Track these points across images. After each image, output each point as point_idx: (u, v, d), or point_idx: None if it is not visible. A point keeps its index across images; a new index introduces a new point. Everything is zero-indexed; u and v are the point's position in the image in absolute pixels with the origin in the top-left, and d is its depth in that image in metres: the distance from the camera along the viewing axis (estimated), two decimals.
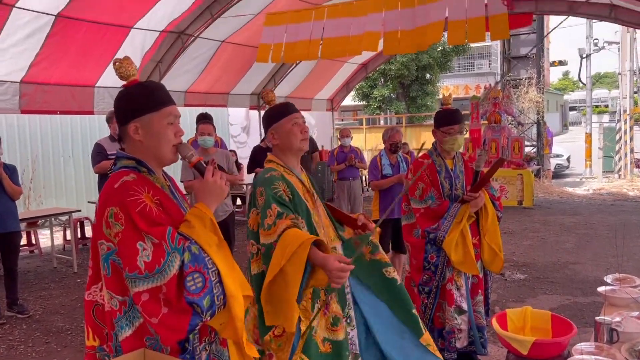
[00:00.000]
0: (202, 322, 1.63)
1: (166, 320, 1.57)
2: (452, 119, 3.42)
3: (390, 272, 2.45)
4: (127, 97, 1.77)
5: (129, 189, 1.64)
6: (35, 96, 7.05)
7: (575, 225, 8.67)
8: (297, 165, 2.46)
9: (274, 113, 2.44)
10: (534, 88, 13.02)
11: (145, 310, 1.57)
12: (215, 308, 1.63)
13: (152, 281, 1.56)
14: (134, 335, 1.62)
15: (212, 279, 1.63)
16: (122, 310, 1.62)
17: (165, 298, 1.57)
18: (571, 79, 66.60)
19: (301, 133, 2.39)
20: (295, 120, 2.39)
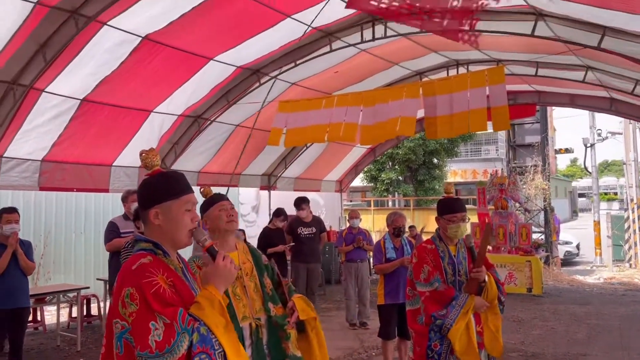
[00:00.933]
0: None
1: None
2: (455, 207, 3.55)
3: None
4: (150, 185, 1.94)
5: (145, 271, 1.76)
6: (54, 174, 7.31)
7: (586, 315, 8.52)
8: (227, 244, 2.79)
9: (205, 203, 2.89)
10: (540, 175, 13.24)
11: None
12: None
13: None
14: None
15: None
16: None
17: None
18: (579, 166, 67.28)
19: (226, 216, 2.80)
20: (221, 207, 2.83)
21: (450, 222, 3.51)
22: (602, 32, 5.63)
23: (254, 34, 6.89)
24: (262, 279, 2.83)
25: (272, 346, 2.65)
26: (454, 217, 3.51)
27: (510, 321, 8.00)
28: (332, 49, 7.74)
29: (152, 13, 5.81)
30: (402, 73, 9.79)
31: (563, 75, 8.92)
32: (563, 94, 10.63)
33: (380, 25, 7.26)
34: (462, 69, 9.37)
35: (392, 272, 5.53)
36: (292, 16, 6.70)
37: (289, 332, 2.68)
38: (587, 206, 45.19)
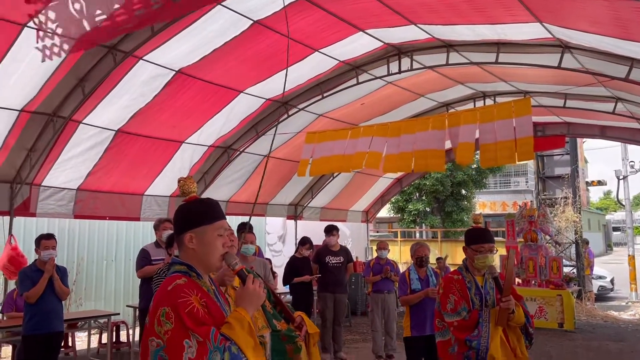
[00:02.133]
0: None
1: None
2: (483, 237, 3.56)
3: None
4: (187, 210, 2.05)
5: (180, 292, 1.85)
6: (88, 202, 7.55)
7: (620, 353, 8.25)
8: None
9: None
10: (571, 207, 13.03)
11: None
12: None
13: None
14: None
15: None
16: None
17: None
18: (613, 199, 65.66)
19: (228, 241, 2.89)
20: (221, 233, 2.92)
21: (477, 253, 3.52)
22: (630, 64, 5.65)
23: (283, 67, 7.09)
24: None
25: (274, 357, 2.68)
26: (482, 247, 3.52)
27: (541, 357, 7.79)
28: (358, 81, 7.89)
29: (186, 48, 6.07)
30: (428, 105, 9.88)
31: (592, 106, 8.88)
32: (593, 125, 10.55)
33: (407, 58, 7.40)
34: (489, 100, 9.41)
35: (418, 303, 5.49)
36: (320, 50, 6.89)
37: (299, 345, 2.71)
38: (622, 240, 43.88)
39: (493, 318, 3.37)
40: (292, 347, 2.71)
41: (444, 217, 21.88)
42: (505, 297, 3.33)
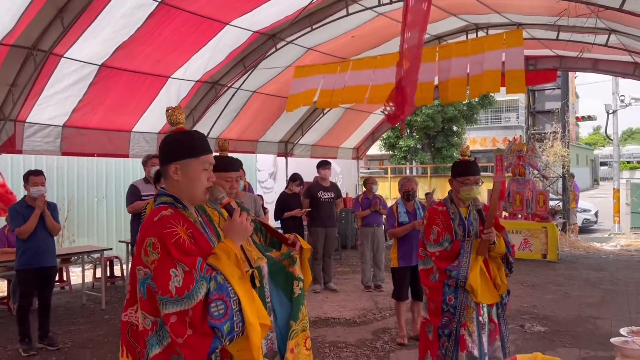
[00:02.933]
0: (221, 346, 1.80)
1: (190, 341, 1.75)
2: (469, 170, 3.58)
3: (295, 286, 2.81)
4: (173, 141, 2.03)
5: (166, 222, 1.86)
6: (74, 139, 7.48)
7: (601, 281, 8.56)
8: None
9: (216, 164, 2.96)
10: (559, 142, 13.10)
11: (173, 331, 1.76)
12: (234, 334, 1.81)
13: (181, 305, 1.76)
14: (163, 353, 1.81)
15: (233, 307, 1.82)
16: (153, 329, 1.82)
17: (191, 321, 1.76)
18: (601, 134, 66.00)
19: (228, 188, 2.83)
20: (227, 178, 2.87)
21: (463, 185, 3.55)
22: None
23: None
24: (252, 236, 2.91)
25: (279, 284, 2.80)
26: (467, 179, 3.55)
27: (524, 286, 8.08)
28: (348, 12, 7.68)
29: None
30: None
31: (586, 39, 8.73)
32: (585, 59, 10.40)
33: None
34: (481, 32, 9.23)
35: (405, 235, 5.62)
36: None
37: (295, 257, 2.84)
38: (609, 175, 44.52)
39: (475, 249, 3.45)
40: (288, 262, 2.84)
41: (434, 153, 21.97)
42: (487, 229, 3.39)
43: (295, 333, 2.77)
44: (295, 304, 2.80)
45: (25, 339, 5.19)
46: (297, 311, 2.79)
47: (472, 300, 3.43)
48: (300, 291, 2.82)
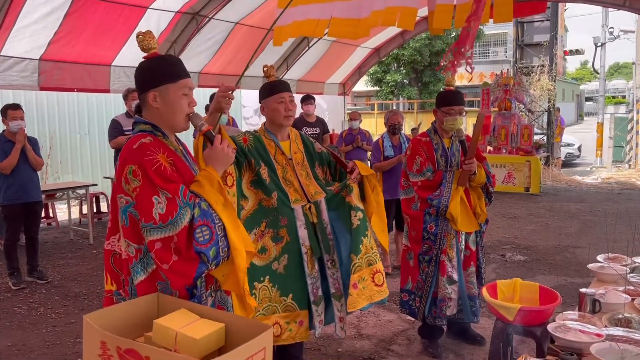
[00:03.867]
0: (207, 271, 1.83)
1: (176, 266, 1.77)
2: (453, 100, 3.57)
3: (353, 217, 2.75)
4: (148, 68, 1.96)
5: (146, 150, 1.84)
6: (52, 73, 7.27)
7: (580, 212, 8.77)
8: (281, 134, 2.90)
9: (265, 89, 2.88)
10: (546, 76, 13.01)
11: (158, 257, 1.77)
12: (220, 259, 1.84)
13: (165, 231, 1.76)
14: (148, 280, 1.84)
15: (218, 233, 1.83)
16: (137, 257, 1.84)
17: (176, 247, 1.77)
18: (589, 69, 65.74)
19: (284, 110, 2.81)
20: (281, 99, 2.81)
21: (446, 115, 3.55)
22: None
23: None
24: (314, 168, 2.93)
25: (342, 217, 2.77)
26: (452, 109, 3.54)
27: (506, 218, 8.26)
28: None
29: None
30: None
31: None
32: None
33: None
34: None
35: (391, 169, 5.65)
36: None
37: (351, 186, 2.78)
38: (594, 110, 44.76)
39: (456, 179, 3.49)
40: (346, 191, 2.79)
41: (421, 88, 21.77)
42: (469, 160, 3.41)
43: (358, 267, 2.68)
44: (355, 236, 2.72)
45: (14, 273, 5.25)
46: (357, 243, 2.70)
47: (452, 228, 3.51)
48: (360, 222, 2.74)
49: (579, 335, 2.31)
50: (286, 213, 2.75)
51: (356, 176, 2.81)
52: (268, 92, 2.85)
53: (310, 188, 2.84)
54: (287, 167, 2.82)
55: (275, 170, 2.80)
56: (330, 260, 2.81)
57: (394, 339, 3.98)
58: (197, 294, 1.88)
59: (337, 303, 2.80)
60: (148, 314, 1.79)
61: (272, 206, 2.74)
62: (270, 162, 2.80)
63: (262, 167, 2.76)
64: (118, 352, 1.49)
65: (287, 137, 2.92)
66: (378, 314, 4.48)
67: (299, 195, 2.79)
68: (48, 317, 4.47)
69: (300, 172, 2.86)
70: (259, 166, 2.75)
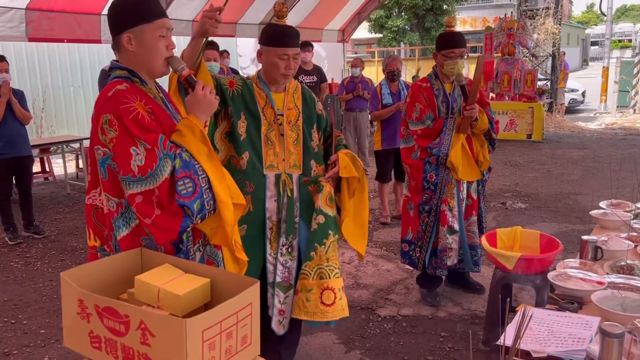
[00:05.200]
0: (192, 225, 1.73)
1: (159, 221, 1.68)
2: (454, 42, 3.38)
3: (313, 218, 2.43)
4: (121, 7, 1.81)
5: (122, 97, 1.71)
6: (40, 23, 7.02)
7: (583, 159, 8.66)
8: (275, 87, 2.50)
9: (270, 34, 2.45)
10: (551, 19, 12.59)
11: (139, 212, 1.68)
12: (205, 212, 1.73)
13: (145, 184, 1.66)
14: (131, 235, 1.75)
15: (202, 185, 1.72)
16: (119, 211, 1.74)
17: (158, 200, 1.67)
18: (595, 12, 64.03)
19: (284, 69, 2.41)
20: (283, 55, 2.39)
21: (447, 58, 3.38)
22: None
23: None
24: (310, 131, 2.53)
25: (303, 203, 2.47)
26: (452, 52, 3.37)
27: (508, 165, 8.16)
28: None
29: None
30: None
31: None
32: None
33: None
34: None
35: (389, 118, 5.50)
36: None
37: (321, 185, 2.44)
38: (599, 55, 43.81)
39: (457, 126, 3.36)
40: (314, 187, 2.46)
41: (422, 34, 21.24)
42: (470, 106, 3.27)
43: (304, 275, 2.37)
44: (310, 240, 2.40)
45: (10, 228, 5.21)
46: (309, 249, 2.38)
47: (453, 177, 3.41)
48: (318, 226, 2.38)
49: (580, 283, 2.25)
50: (255, 179, 2.41)
51: (331, 175, 2.44)
52: (271, 41, 2.41)
53: (291, 157, 2.46)
54: (274, 125, 2.44)
55: (260, 125, 2.43)
56: (289, 245, 2.46)
57: (392, 288, 3.96)
58: (183, 249, 1.80)
59: (280, 293, 2.45)
60: (131, 270, 1.72)
61: (239, 168, 2.39)
62: (257, 114, 2.43)
63: (242, 120, 2.40)
64: (96, 310, 1.42)
65: (282, 89, 2.51)
66: (376, 263, 4.46)
67: (276, 161, 2.44)
68: (45, 272, 4.46)
69: (288, 133, 2.46)
70: (237, 117, 2.40)
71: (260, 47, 2.50)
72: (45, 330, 3.46)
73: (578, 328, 1.84)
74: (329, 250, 2.38)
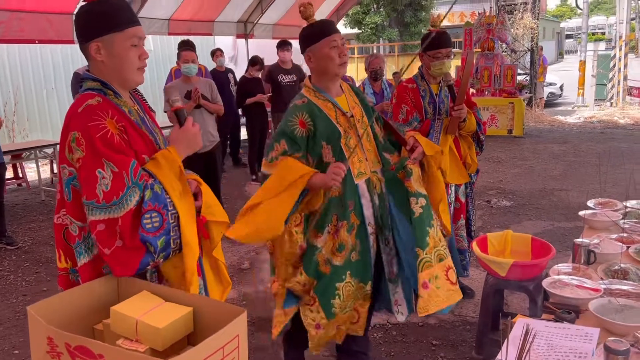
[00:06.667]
0: (154, 263, 1.58)
1: (118, 254, 1.53)
2: (440, 42, 3.29)
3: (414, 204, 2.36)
4: (89, 13, 1.66)
5: (92, 114, 1.58)
6: (10, 24, 6.79)
7: (564, 153, 8.69)
8: (334, 88, 2.38)
9: (311, 33, 2.33)
10: (529, 14, 12.64)
11: (100, 240, 1.53)
12: (169, 251, 1.60)
13: (109, 212, 1.52)
14: (92, 263, 1.61)
15: (170, 221, 1.58)
16: (81, 236, 1.60)
17: (120, 232, 1.53)
18: (569, 5, 64.87)
19: (339, 57, 2.29)
20: (333, 43, 2.28)
21: (434, 59, 3.29)
22: None
23: None
24: (373, 125, 2.45)
25: (399, 203, 2.38)
26: (439, 52, 3.28)
27: (490, 161, 8.15)
28: None
29: None
30: None
31: None
32: None
33: None
34: None
35: None
36: None
37: (410, 169, 2.36)
38: (574, 47, 44.40)
39: (445, 127, 3.28)
40: (402, 173, 2.37)
41: (402, 29, 21.22)
42: (458, 106, 3.19)
43: (427, 263, 2.29)
44: (419, 226, 2.30)
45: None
46: (423, 235, 2.30)
47: None
48: (423, 210, 2.32)
49: (576, 291, 2.18)
50: (351, 194, 2.30)
51: (417, 156, 2.35)
52: (316, 36, 2.28)
53: (371, 155, 2.37)
54: (350, 131, 2.32)
55: (340, 137, 2.29)
56: (386, 240, 2.40)
57: None
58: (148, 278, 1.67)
59: (391, 286, 2.44)
60: (107, 297, 1.59)
61: (338, 194, 2.28)
62: (334, 128, 2.29)
63: (324, 148, 2.28)
64: (68, 349, 1.29)
65: (341, 91, 2.40)
66: None
67: (362, 167, 2.34)
68: (18, 286, 4.28)
69: (361, 132, 2.36)
70: (320, 151, 2.28)
71: (307, 51, 2.34)
72: (20, 350, 3.29)
73: (578, 341, 1.77)
74: (438, 231, 2.37)
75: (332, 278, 2.28)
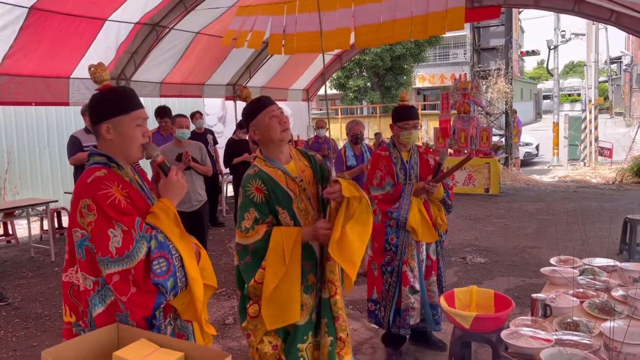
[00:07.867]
0: (166, 301, 1.88)
1: (135, 298, 1.81)
2: (408, 115, 3.69)
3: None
4: (100, 100, 1.99)
5: (100, 184, 1.86)
6: (9, 87, 7.10)
7: (538, 212, 9.06)
8: (282, 156, 2.54)
9: (250, 109, 2.53)
10: (503, 79, 13.38)
11: (116, 290, 1.81)
12: (178, 289, 1.89)
13: (122, 264, 1.80)
14: (106, 311, 1.86)
15: (175, 264, 1.88)
16: (95, 289, 1.86)
17: (134, 279, 1.81)
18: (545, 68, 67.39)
19: (280, 124, 2.47)
20: (272, 114, 2.47)
21: (402, 130, 3.66)
22: None
23: None
24: (323, 184, 2.58)
25: None
26: (406, 124, 3.66)
27: (467, 219, 8.48)
28: None
29: None
30: None
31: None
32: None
33: None
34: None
35: (353, 178, 5.73)
36: None
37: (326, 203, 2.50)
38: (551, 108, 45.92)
39: (414, 191, 3.61)
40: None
41: (383, 92, 22.07)
42: (434, 183, 3.54)
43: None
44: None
45: None
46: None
47: (413, 239, 3.63)
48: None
49: (530, 341, 2.43)
50: (307, 256, 2.46)
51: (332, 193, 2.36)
52: (256, 110, 2.49)
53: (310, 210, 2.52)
54: (301, 195, 2.48)
55: (293, 202, 2.45)
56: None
57: (359, 347, 4.06)
58: (156, 324, 1.92)
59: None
60: (108, 345, 1.82)
61: None
62: (286, 195, 2.44)
63: (280, 214, 2.45)
64: None
65: (290, 158, 2.55)
66: None
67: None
68: (8, 341, 4.39)
69: (312, 194, 2.52)
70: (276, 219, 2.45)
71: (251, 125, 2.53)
72: None
73: None
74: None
75: (294, 339, 2.46)
